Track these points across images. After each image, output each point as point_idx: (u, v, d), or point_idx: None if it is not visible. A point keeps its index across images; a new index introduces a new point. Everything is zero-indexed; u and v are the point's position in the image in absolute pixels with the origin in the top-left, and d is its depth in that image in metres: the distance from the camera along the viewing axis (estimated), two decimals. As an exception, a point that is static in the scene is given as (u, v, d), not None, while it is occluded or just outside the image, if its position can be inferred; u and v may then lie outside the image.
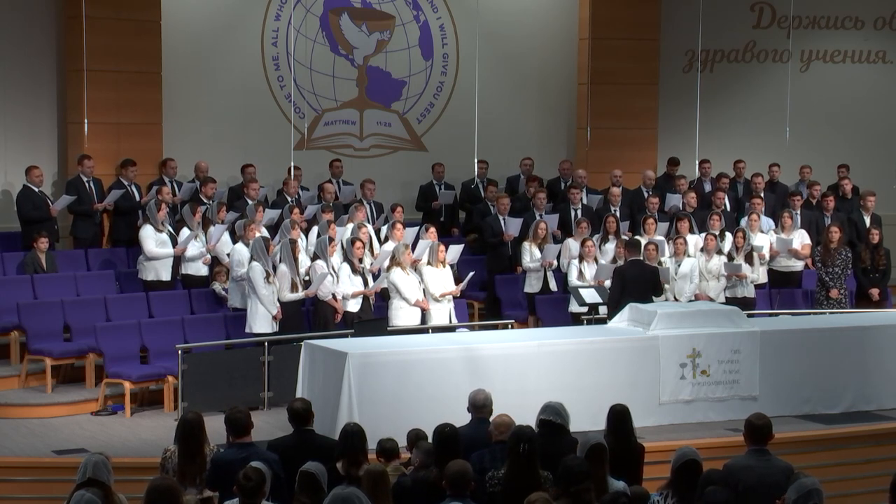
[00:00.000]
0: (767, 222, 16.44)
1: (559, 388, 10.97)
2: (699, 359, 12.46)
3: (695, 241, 15.56)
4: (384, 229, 15.37)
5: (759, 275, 15.50)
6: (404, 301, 13.68)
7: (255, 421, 8.51)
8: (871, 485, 11.06)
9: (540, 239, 15.48)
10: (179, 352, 12.55)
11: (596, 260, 15.02)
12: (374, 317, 13.73)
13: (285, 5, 17.63)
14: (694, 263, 15.05)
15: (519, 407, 9.21)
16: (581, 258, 15.01)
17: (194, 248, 14.47)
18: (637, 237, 14.89)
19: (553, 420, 8.42)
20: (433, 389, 11.34)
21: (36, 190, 15.21)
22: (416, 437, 8.54)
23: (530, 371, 11.79)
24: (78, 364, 13.47)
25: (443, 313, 13.98)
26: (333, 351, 11.63)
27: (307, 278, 13.73)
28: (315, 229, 14.90)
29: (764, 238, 15.97)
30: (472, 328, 14.32)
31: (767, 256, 15.84)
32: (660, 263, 14.70)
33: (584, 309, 14.17)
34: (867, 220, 16.84)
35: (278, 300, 13.29)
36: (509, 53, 18.98)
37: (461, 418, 8.80)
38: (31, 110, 16.21)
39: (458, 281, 14.30)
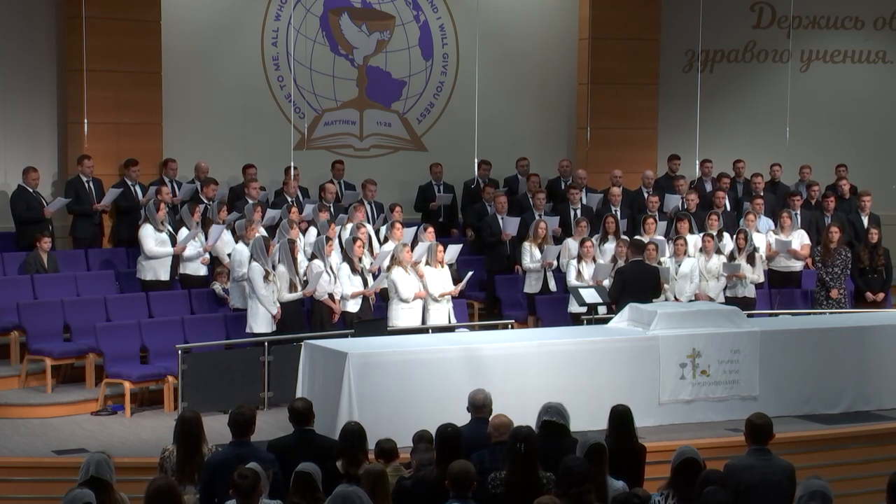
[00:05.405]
0: (766, 222, 16.44)
1: (559, 388, 10.97)
2: (699, 359, 12.46)
3: (694, 240, 15.56)
4: (384, 229, 15.36)
5: (759, 275, 15.51)
6: (402, 300, 13.70)
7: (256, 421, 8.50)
8: (871, 485, 11.03)
9: (540, 239, 15.47)
10: (179, 352, 12.56)
11: (595, 260, 15.02)
12: (373, 317, 13.73)
13: (285, 5, 17.63)
14: (695, 263, 15.05)
15: (519, 407, 9.22)
16: (580, 258, 15.01)
17: (193, 247, 14.47)
18: (640, 238, 14.89)
19: (556, 421, 8.41)
20: (433, 389, 11.33)
21: (31, 191, 15.18)
22: (418, 438, 8.53)
23: (530, 371, 11.78)
24: (78, 364, 13.47)
25: (442, 313, 13.99)
26: (333, 351, 11.63)
27: (306, 278, 13.73)
28: (313, 229, 14.89)
29: (761, 238, 15.98)
30: (471, 328, 14.32)
31: (764, 257, 15.85)
32: (660, 263, 14.72)
33: (584, 309, 14.17)
34: (865, 221, 16.85)
35: (277, 300, 13.30)
36: (509, 53, 18.97)
37: (461, 418, 8.79)
38: (31, 110, 16.19)
39: (457, 281, 14.31)
